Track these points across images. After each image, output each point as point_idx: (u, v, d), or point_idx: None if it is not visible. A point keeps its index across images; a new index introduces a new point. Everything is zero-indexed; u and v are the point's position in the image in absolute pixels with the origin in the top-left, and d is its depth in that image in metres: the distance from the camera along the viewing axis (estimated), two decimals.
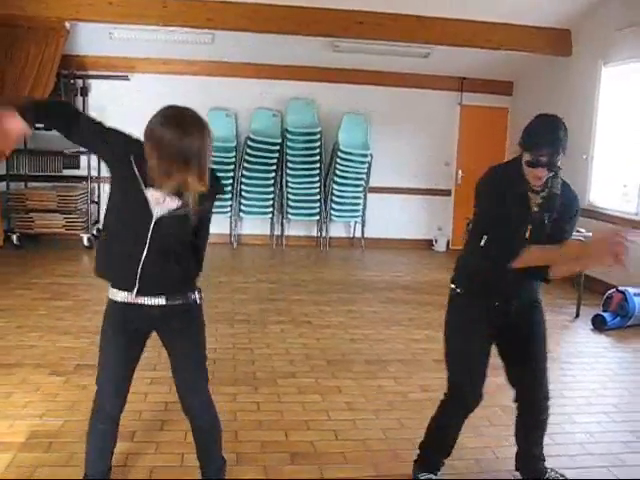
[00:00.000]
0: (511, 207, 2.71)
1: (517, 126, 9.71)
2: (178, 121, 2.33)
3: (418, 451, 3.12)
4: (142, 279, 2.53)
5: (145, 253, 2.50)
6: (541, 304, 3.01)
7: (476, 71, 9.56)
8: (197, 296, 2.70)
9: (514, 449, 3.38)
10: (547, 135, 2.66)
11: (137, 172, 2.43)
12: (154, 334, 2.73)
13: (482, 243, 2.83)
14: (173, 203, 2.48)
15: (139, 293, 2.55)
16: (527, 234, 2.74)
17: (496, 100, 9.88)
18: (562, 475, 3.14)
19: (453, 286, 2.99)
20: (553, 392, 4.37)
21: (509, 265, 2.69)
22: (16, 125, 2.39)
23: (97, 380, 2.70)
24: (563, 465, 3.33)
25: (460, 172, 9.90)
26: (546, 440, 3.60)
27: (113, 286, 2.62)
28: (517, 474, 3.22)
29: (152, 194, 2.47)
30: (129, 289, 2.55)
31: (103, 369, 2.69)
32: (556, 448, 3.55)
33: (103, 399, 2.69)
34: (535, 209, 2.76)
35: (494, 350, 2.98)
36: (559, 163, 2.68)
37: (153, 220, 2.48)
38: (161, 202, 2.47)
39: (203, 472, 2.90)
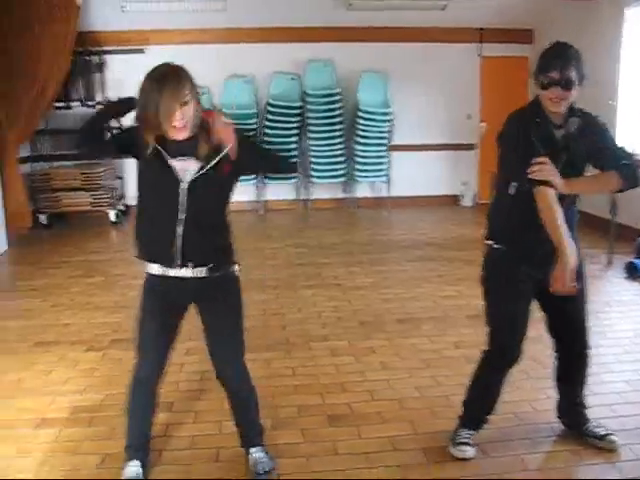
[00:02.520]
0: (538, 145, 2.66)
1: None
2: (154, 73, 2.45)
3: (462, 408, 3.12)
4: (183, 253, 2.56)
5: (183, 227, 2.53)
6: (581, 252, 2.94)
7: (495, 20, 9.36)
8: (236, 268, 2.74)
9: (551, 401, 3.38)
10: (556, 53, 2.70)
11: (160, 147, 2.48)
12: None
13: (512, 191, 2.78)
14: (196, 166, 2.52)
15: (180, 266, 2.59)
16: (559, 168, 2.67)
17: (516, 49, 9.66)
18: (603, 426, 3.12)
19: (489, 242, 2.92)
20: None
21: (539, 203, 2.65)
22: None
23: (137, 352, 2.73)
24: (602, 415, 3.31)
25: (484, 124, 9.75)
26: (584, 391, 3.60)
27: (153, 262, 2.65)
28: (555, 425, 3.22)
29: (176, 164, 2.51)
30: (170, 265, 2.59)
31: (143, 341, 2.72)
32: (594, 398, 3.52)
33: (142, 371, 2.73)
34: (562, 143, 2.73)
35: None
36: (575, 86, 2.66)
37: (186, 188, 2.51)
38: (187, 169, 2.52)
39: (242, 438, 2.95)
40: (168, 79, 2.40)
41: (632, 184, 2.72)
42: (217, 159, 2.53)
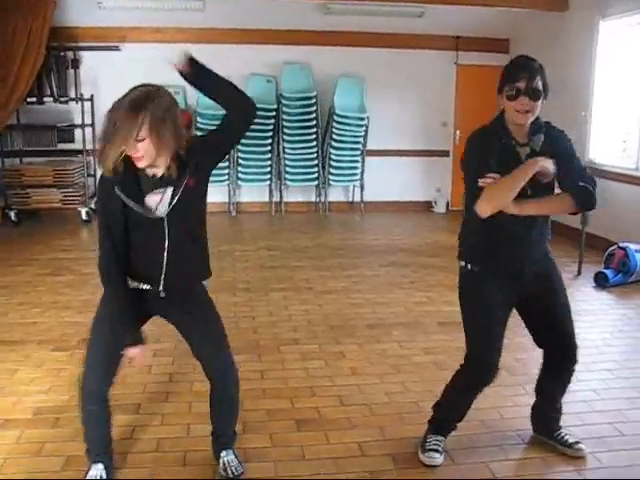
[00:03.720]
0: (499, 163, 2.65)
1: None
2: (118, 101, 2.37)
3: (432, 413, 3.11)
4: (166, 278, 2.60)
5: (166, 255, 2.56)
6: (553, 257, 2.99)
7: (471, 29, 9.44)
8: (206, 283, 2.78)
9: (519, 409, 3.41)
10: (522, 65, 2.69)
11: (125, 197, 2.46)
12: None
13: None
14: (167, 194, 2.51)
15: (165, 289, 2.63)
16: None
17: (492, 58, 9.70)
18: (572, 434, 3.14)
19: (462, 263, 2.92)
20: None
21: (483, 208, 2.66)
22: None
23: (88, 360, 2.66)
24: (569, 423, 3.34)
25: (458, 132, 9.81)
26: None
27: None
28: (523, 432, 3.24)
29: (149, 200, 2.51)
30: (154, 287, 2.62)
31: (95, 350, 2.65)
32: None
33: (94, 383, 2.65)
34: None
35: None
36: (541, 100, 2.68)
37: (165, 220, 2.52)
38: (160, 200, 2.51)
39: (215, 439, 2.92)
40: (125, 114, 2.34)
41: (586, 208, 2.76)
42: (185, 180, 2.51)
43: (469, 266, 2.88)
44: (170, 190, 2.51)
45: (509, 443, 3.20)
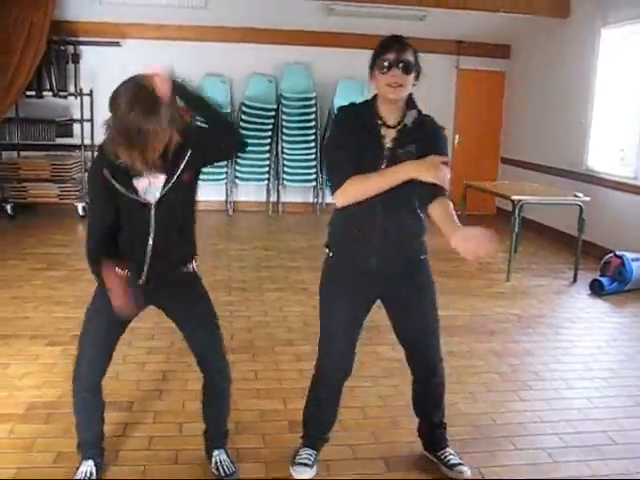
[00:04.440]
0: (360, 143, 2.55)
1: (514, 90, 9.68)
2: (135, 97, 2.26)
3: (302, 427, 3.03)
4: (150, 265, 2.55)
5: (151, 242, 2.51)
6: (427, 262, 2.81)
7: (473, 34, 9.45)
8: (194, 264, 2.71)
9: (512, 415, 3.41)
10: (393, 38, 2.58)
11: (112, 178, 2.42)
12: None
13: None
14: (159, 180, 2.46)
15: (147, 281, 2.57)
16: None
17: (493, 63, 9.76)
18: (457, 456, 2.98)
19: (326, 250, 2.80)
20: (550, 358, 4.44)
21: (338, 199, 2.56)
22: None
23: (80, 354, 2.66)
24: (561, 431, 3.35)
25: (457, 136, 9.82)
26: (543, 406, 3.66)
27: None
28: (515, 438, 3.23)
29: (137, 182, 2.45)
30: (137, 277, 2.56)
31: (89, 340, 2.66)
32: (554, 414, 3.57)
33: (88, 376, 2.66)
34: (389, 145, 2.58)
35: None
36: (413, 71, 2.58)
37: (152, 206, 2.48)
38: (148, 185, 2.46)
39: (207, 438, 2.91)
40: (144, 117, 2.27)
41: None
42: (180, 169, 2.47)
43: (330, 253, 2.79)
44: (162, 178, 2.46)
45: (501, 449, 3.19)
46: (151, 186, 2.47)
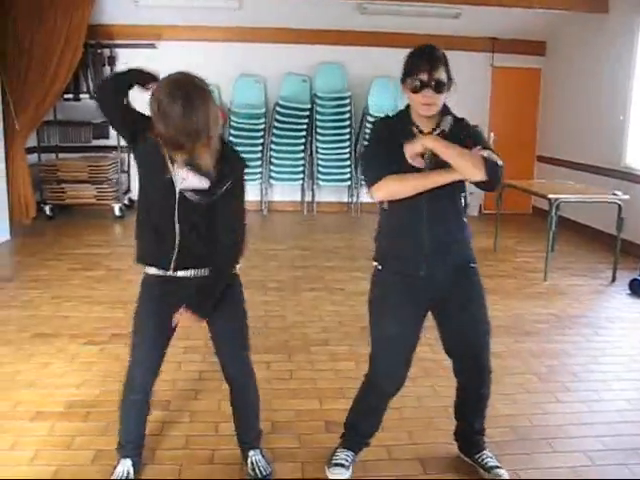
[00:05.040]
0: (399, 151, 2.53)
1: (550, 87, 9.55)
2: (183, 94, 2.24)
3: (344, 429, 3.00)
4: (178, 257, 2.55)
5: (178, 232, 2.52)
6: (476, 267, 2.81)
7: (508, 31, 9.34)
8: (236, 266, 2.71)
9: (549, 417, 3.36)
10: (423, 55, 2.58)
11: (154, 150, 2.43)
12: None
13: (385, 206, 2.71)
14: (199, 181, 2.46)
15: (176, 270, 2.58)
16: None
17: (529, 61, 9.65)
18: (494, 458, 2.95)
19: (375, 263, 2.82)
20: (588, 358, 4.37)
21: (375, 193, 2.60)
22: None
23: (132, 355, 2.72)
24: (601, 433, 3.29)
25: (492, 135, 9.72)
26: (581, 407, 3.61)
27: (151, 265, 2.64)
28: (552, 440, 3.19)
29: (178, 171, 2.47)
30: (166, 268, 2.58)
31: (139, 342, 2.70)
32: (593, 416, 3.52)
33: (138, 377, 2.72)
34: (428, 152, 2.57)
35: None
36: (446, 88, 2.57)
37: (177, 197, 2.49)
38: (185, 179, 2.47)
39: (240, 440, 2.93)
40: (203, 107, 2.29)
41: (491, 178, 2.47)
42: (219, 192, 2.48)
43: (379, 266, 2.80)
44: (205, 182, 2.45)
45: (538, 451, 3.16)
46: (187, 180, 2.47)
